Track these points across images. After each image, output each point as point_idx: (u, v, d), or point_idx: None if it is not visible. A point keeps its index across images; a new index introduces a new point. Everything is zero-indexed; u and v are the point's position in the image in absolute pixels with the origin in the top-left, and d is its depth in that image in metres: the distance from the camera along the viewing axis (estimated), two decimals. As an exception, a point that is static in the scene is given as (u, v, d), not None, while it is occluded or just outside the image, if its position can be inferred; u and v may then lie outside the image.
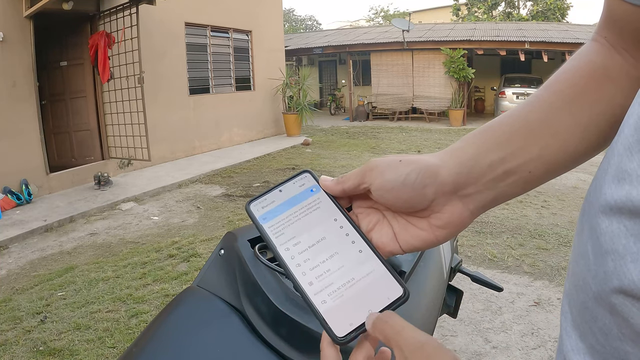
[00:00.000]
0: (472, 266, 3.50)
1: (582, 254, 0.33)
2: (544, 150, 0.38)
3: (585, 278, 0.32)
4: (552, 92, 0.40)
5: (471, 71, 12.65)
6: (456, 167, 0.38)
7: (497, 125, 0.40)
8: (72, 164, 6.56)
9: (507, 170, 0.38)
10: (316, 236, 0.39)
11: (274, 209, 0.41)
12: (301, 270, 0.37)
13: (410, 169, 0.37)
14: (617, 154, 0.31)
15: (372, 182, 0.38)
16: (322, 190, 0.42)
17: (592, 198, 0.33)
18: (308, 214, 0.40)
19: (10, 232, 4.37)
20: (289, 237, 0.39)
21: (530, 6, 23.94)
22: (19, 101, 5.38)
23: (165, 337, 0.88)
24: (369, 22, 35.90)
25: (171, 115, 7.85)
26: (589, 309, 0.32)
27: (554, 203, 5.20)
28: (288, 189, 0.42)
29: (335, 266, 0.37)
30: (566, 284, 0.38)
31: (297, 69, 15.95)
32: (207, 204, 5.48)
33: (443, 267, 1.25)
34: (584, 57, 0.42)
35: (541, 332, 2.57)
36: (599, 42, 0.42)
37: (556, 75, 0.42)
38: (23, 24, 5.35)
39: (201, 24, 8.67)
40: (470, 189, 0.38)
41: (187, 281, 3.33)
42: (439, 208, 0.38)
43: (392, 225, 0.40)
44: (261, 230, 0.40)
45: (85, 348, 2.51)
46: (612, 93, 0.38)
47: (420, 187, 0.37)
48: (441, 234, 0.38)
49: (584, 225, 0.34)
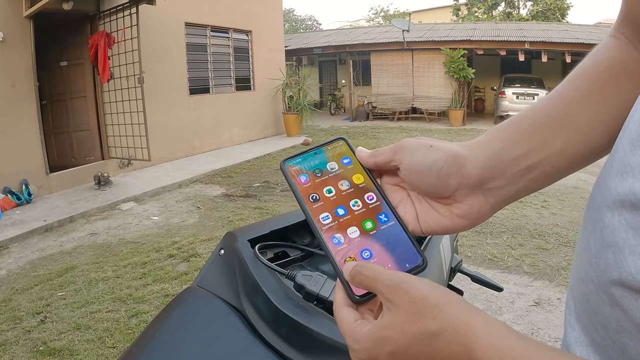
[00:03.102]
0: (472, 266, 3.50)
1: (585, 248, 0.33)
2: (566, 145, 0.38)
3: (587, 271, 0.33)
4: (573, 87, 0.40)
5: (471, 71, 12.65)
6: (482, 160, 0.38)
7: (520, 119, 0.40)
8: (72, 164, 6.56)
9: (530, 165, 0.38)
10: (346, 201, 0.41)
11: (308, 170, 0.42)
12: (329, 232, 0.39)
13: (438, 155, 0.38)
14: (622, 149, 0.31)
15: (401, 160, 0.40)
16: (356, 159, 0.43)
17: (596, 193, 0.34)
18: (341, 180, 0.42)
19: (10, 232, 4.37)
20: (319, 199, 0.41)
21: (530, 6, 23.92)
22: (19, 101, 5.38)
23: (165, 337, 0.88)
24: (369, 22, 35.89)
25: (171, 115, 7.85)
26: (590, 302, 0.32)
27: (554, 203, 5.20)
28: (323, 154, 0.44)
29: (362, 230, 0.39)
30: (571, 278, 0.38)
31: (297, 69, 15.95)
32: (207, 204, 5.48)
33: (443, 267, 1.25)
34: (602, 53, 0.42)
35: (541, 332, 2.57)
36: (617, 38, 0.42)
37: (576, 70, 0.42)
38: (23, 24, 5.35)
39: (201, 24, 8.66)
40: (493, 183, 0.38)
41: (187, 281, 3.33)
42: (460, 198, 0.39)
43: (415, 206, 0.41)
44: (294, 189, 0.41)
45: (85, 348, 2.51)
46: (630, 88, 0.39)
47: (445, 176, 0.38)
48: (460, 223, 0.39)
49: (588, 220, 0.34)
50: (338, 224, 0.40)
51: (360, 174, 0.43)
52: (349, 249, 0.38)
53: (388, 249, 0.39)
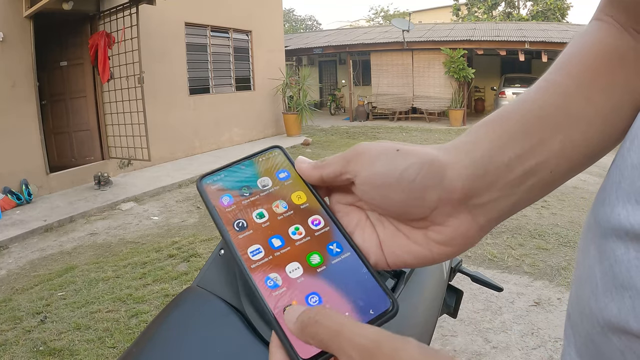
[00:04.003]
0: (472, 266, 3.50)
1: (588, 279, 0.29)
2: (566, 144, 0.31)
3: (592, 307, 0.28)
4: (565, 75, 0.33)
5: (471, 71, 12.66)
6: (468, 167, 0.29)
7: (508, 114, 0.32)
8: (72, 164, 6.56)
9: (527, 171, 0.30)
10: (284, 228, 0.32)
11: (233, 189, 0.33)
12: (260, 271, 0.29)
13: (409, 162, 0.29)
14: (632, 166, 0.27)
15: (357, 172, 0.30)
16: (296, 173, 0.34)
17: (600, 213, 0.29)
18: (276, 200, 0.33)
19: (10, 232, 4.37)
20: (247, 226, 0.31)
21: (530, 6, 23.95)
22: (19, 101, 5.38)
23: (165, 337, 0.88)
24: (369, 22, 35.91)
25: (171, 115, 7.85)
26: (595, 344, 0.28)
27: (554, 203, 5.20)
28: (253, 167, 0.35)
29: (306, 267, 0.30)
30: (569, 306, 0.34)
31: (297, 69, 15.96)
32: (207, 204, 5.47)
33: (443, 267, 1.25)
34: (590, 36, 0.35)
35: (541, 332, 2.57)
36: (604, 21, 0.36)
37: (564, 57, 0.35)
38: (23, 24, 5.35)
39: (201, 24, 8.67)
40: (483, 197, 0.29)
41: (187, 281, 3.33)
42: (441, 219, 0.29)
43: (377, 230, 0.32)
44: (213, 215, 0.32)
45: (85, 348, 2.51)
46: (626, 76, 0.33)
47: (420, 190, 0.29)
48: (440, 252, 0.30)
49: (590, 243, 0.30)
50: (273, 259, 0.30)
51: (302, 192, 0.33)
52: (288, 293, 0.28)
53: (343, 290, 0.28)
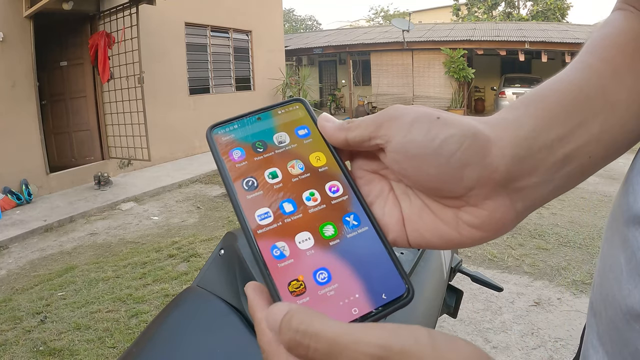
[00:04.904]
0: (472, 266, 3.50)
1: (612, 267, 0.29)
2: (604, 128, 0.28)
3: (615, 295, 0.28)
4: (599, 59, 0.31)
5: (471, 71, 12.66)
6: (512, 146, 0.26)
7: (548, 93, 0.29)
8: (72, 164, 6.56)
9: (567, 154, 0.28)
10: (298, 191, 0.28)
11: (245, 142, 0.29)
12: (267, 238, 0.26)
13: (450, 132, 0.26)
14: None
15: (389, 138, 0.27)
16: (317, 131, 0.30)
17: (624, 203, 0.29)
18: (292, 160, 0.29)
19: (10, 232, 4.37)
20: (257, 186, 0.28)
21: (530, 6, 23.95)
22: (19, 101, 5.38)
23: (165, 337, 0.88)
24: (369, 22, 35.91)
25: (171, 115, 7.85)
26: (619, 330, 0.28)
27: (554, 203, 5.20)
28: (270, 120, 0.31)
29: (318, 238, 0.27)
30: (593, 292, 0.33)
31: (297, 69, 15.95)
32: (207, 204, 5.48)
33: (443, 267, 1.25)
34: (618, 23, 0.34)
35: (541, 332, 2.57)
36: (629, 10, 0.35)
37: (594, 42, 0.33)
38: (23, 24, 5.35)
39: (201, 24, 8.67)
40: (524, 180, 0.27)
41: (187, 281, 3.33)
42: (476, 200, 0.26)
43: (400, 204, 0.29)
44: (221, 168, 0.28)
45: (85, 348, 2.51)
46: None
47: (460, 166, 0.25)
48: (470, 235, 0.27)
49: (615, 233, 0.30)
50: (282, 225, 0.27)
51: (322, 153, 0.29)
52: (296, 265, 0.25)
53: (356, 269, 0.26)
